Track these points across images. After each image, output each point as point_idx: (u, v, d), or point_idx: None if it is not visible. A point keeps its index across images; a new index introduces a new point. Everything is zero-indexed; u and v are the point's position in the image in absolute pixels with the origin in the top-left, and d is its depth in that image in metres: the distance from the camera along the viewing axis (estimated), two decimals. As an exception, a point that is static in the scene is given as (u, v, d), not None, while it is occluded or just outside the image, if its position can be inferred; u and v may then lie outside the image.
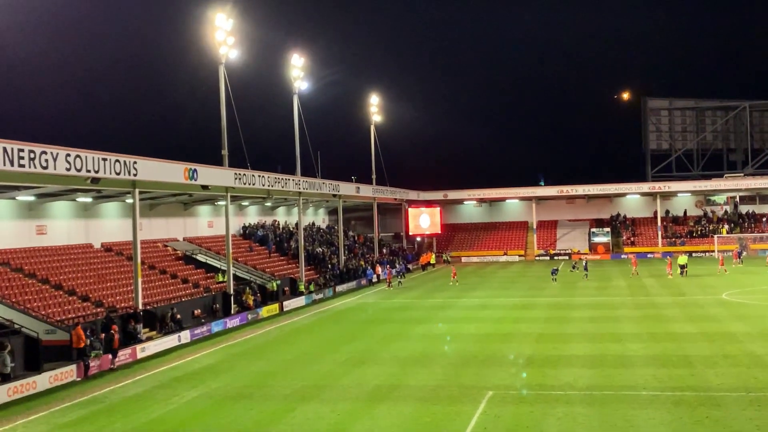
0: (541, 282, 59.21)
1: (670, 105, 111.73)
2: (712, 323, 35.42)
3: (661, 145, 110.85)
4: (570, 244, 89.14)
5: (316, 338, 36.69)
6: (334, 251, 69.17)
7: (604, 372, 25.57)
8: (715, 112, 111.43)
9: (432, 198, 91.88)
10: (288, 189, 54.59)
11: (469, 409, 21.24)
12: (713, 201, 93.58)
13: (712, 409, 20.32)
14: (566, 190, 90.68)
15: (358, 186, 72.41)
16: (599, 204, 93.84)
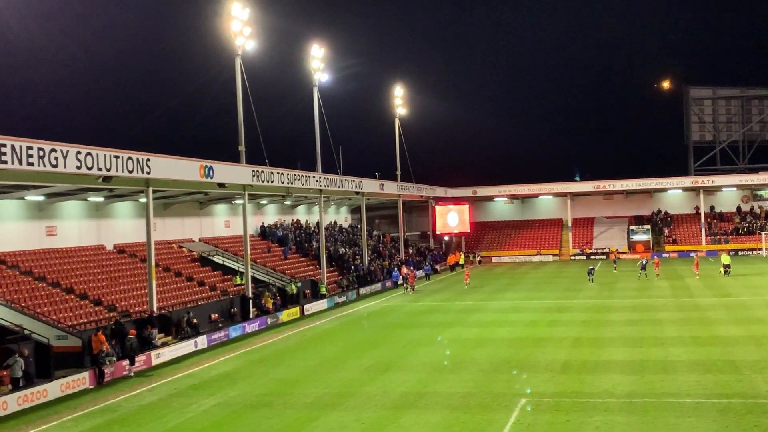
0: (577, 283, 58.93)
1: (713, 94, 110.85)
2: (760, 326, 35.12)
3: (705, 136, 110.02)
4: (607, 243, 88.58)
5: (338, 344, 36.71)
6: (358, 252, 69.17)
7: (645, 378, 25.43)
8: (763, 101, 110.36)
9: (460, 195, 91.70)
10: (308, 186, 54.57)
11: (501, 418, 21.19)
12: (761, 196, 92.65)
13: (761, 417, 20.18)
14: (603, 186, 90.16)
15: (382, 183, 72.19)
16: (638, 200, 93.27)
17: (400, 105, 78.78)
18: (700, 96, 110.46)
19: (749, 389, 23.27)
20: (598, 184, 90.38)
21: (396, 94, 78.55)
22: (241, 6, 46.75)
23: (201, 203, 55.42)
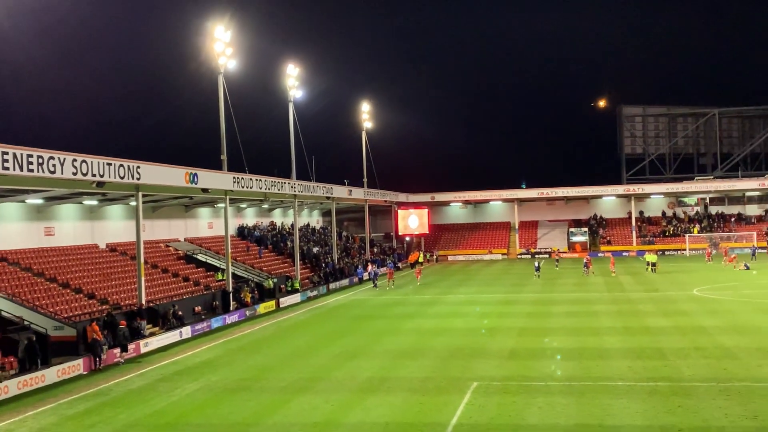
0: (523, 279, 59.28)
1: (643, 112, 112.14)
2: (684, 317, 35.46)
3: (636, 149, 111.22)
4: (550, 243, 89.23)
5: (310, 333, 36.58)
6: (328, 251, 69.11)
7: (582, 364, 25.56)
8: (686, 119, 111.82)
9: (420, 200, 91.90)
10: (284, 192, 54.54)
11: (455, 399, 21.21)
12: (684, 202, 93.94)
13: (684, 398, 20.34)
14: (546, 193, 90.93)
15: (351, 189, 72.32)
16: (577, 205, 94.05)
17: (367, 119, 78.79)
18: (632, 114, 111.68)
19: (674, 374, 23.49)
20: (541, 191, 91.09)
21: (363, 109, 78.60)
22: (224, 29, 46.66)
23: (186, 206, 55.08)
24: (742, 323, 32.87)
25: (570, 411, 19.58)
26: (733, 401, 19.78)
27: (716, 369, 23.85)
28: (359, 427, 19.00)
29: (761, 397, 20.00)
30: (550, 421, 18.66)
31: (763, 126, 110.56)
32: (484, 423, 18.79)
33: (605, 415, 19.01)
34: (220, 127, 47.20)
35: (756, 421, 17.94)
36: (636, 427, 17.93)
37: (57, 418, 21.48)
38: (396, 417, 19.77)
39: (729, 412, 18.81)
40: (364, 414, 20.25)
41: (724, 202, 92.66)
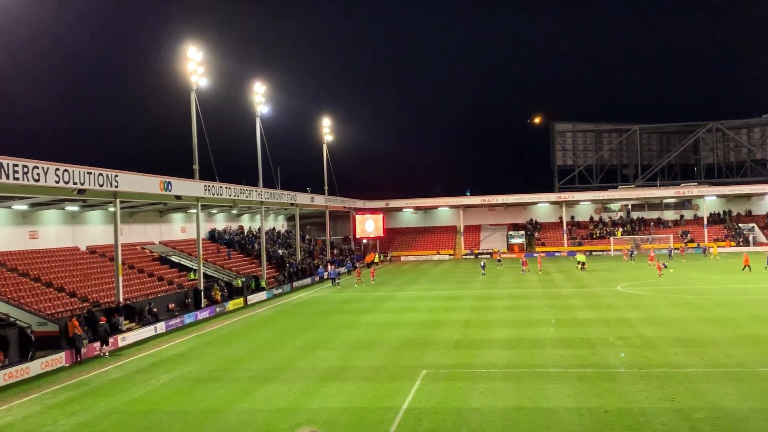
0: (468, 277, 59.65)
1: (573, 128, 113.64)
2: (609, 311, 35.97)
3: (567, 161, 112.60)
4: (491, 245, 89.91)
5: (276, 328, 36.37)
6: (292, 252, 68.78)
7: (519, 352, 25.79)
8: (611, 134, 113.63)
9: (376, 206, 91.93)
10: (251, 199, 54.21)
11: (406, 386, 21.25)
12: (609, 208, 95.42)
13: (609, 383, 20.64)
14: (488, 200, 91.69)
15: (313, 196, 72.14)
16: (515, 211, 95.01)
17: (328, 133, 78.72)
18: (563, 129, 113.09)
19: (601, 361, 23.82)
20: (484, 198, 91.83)
21: (324, 123, 78.53)
22: (196, 49, 46.29)
23: (161, 212, 54.39)
24: (660, 316, 33.43)
25: (509, 395, 19.75)
26: (652, 385, 20.12)
27: (637, 356, 24.24)
28: (319, 412, 18.94)
29: (677, 382, 20.37)
30: (491, 405, 18.80)
31: (678, 140, 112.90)
32: (432, 407, 18.86)
33: (540, 399, 19.21)
34: (193, 139, 46.72)
35: (673, 403, 18.29)
36: (567, 409, 18.15)
37: (41, 407, 21.05)
38: (353, 403, 19.75)
39: (649, 395, 19.12)
40: (324, 400, 20.19)
41: (644, 208, 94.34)
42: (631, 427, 16.46)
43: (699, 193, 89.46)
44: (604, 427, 16.57)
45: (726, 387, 19.58)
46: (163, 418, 19.10)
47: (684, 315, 33.31)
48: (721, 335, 27.58)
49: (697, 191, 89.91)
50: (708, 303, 37.35)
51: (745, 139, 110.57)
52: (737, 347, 25.04)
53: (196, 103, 46.55)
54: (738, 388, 19.37)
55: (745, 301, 37.54)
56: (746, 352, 24.20)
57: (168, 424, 18.58)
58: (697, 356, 23.84)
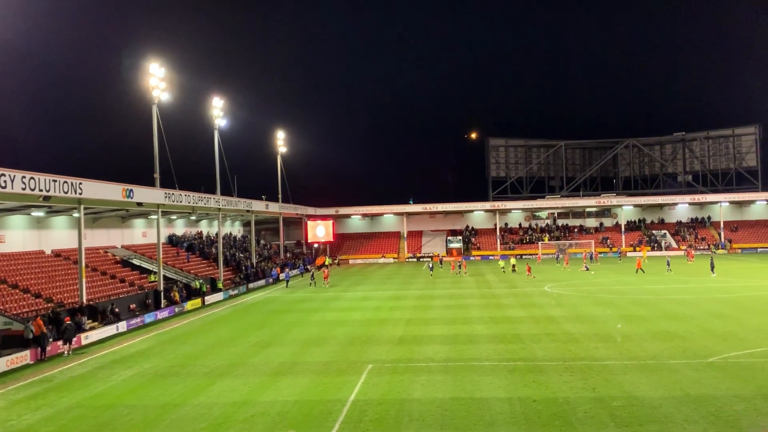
0: (411, 278, 59.86)
1: (506, 143, 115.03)
2: (537, 309, 36.48)
3: (500, 173, 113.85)
4: (432, 249, 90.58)
5: (231, 326, 35.85)
6: (248, 256, 68.00)
7: (456, 347, 25.96)
8: (539, 149, 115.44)
9: (326, 213, 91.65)
10: (209, 206, 53.49)
11: (353, 379, 21.21)
12: (538, 216, 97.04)
13: (538, 375, 20.93)
14: (429, 208, 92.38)
15: (267, 203, 71.58)
16: (454, 218, 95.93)
17: (282, 145, 78.24)
18: (497, 144, 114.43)
19: (530, 355, 24.14)
20: (425, 206, 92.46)
21: (279, 136, 78.05)
22: (158, 65, 45.54)
23: (123, 218, 53.22)
24: (582, 313, 34.08)
25: (447, 387, 19.87)
26: (575, 377, 20.48)
27: (563, 350, 24.64)
28: (272, 404, 18.75)
29: (598, 373, 20.78)
30: (430, 396, 18.89)
31: (599, 155, 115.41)
32: (376, 398, 18.86)
33: (475, 390, 19.38)
34: (154, 149, 45.83)
35: (594, 392, 18.65)
36: (499, 399, 18.34)
37: (6, 402, 20.32)
38: (303, 395, 19.62)
39: (573, 385, 19.46)
40: (277, 393, 20.00)
41: (568, 216, 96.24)
42: (556, 414, 16.73)
43: (617, 202, 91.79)
44: (532, 415, 16.80)
45: (641, 378, 20.05)
46: (123, 412, 18.65)
47: (603, 313, 34.01)
48: (636, 331, 28.23)
49: (615, 201, 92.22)
50: (624, 302, 38.20)
51: (658, 154, 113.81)
52: (650, 342, 25.68)
53: (157, 116, 45.74)
54: (651, 379, 19.87)
55: (657, 301, 38.54)
56: (658, 346, 24.83)
57: (128, 417, 18.15)
58: (615, 350, 24.36)
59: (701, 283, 46.81)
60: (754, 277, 51.01)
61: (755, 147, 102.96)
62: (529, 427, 15.84)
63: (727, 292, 41.12)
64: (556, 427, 15.72)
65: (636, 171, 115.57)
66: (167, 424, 17.30)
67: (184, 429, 16.85)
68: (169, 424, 17.37)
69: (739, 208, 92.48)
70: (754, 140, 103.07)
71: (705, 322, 30.03)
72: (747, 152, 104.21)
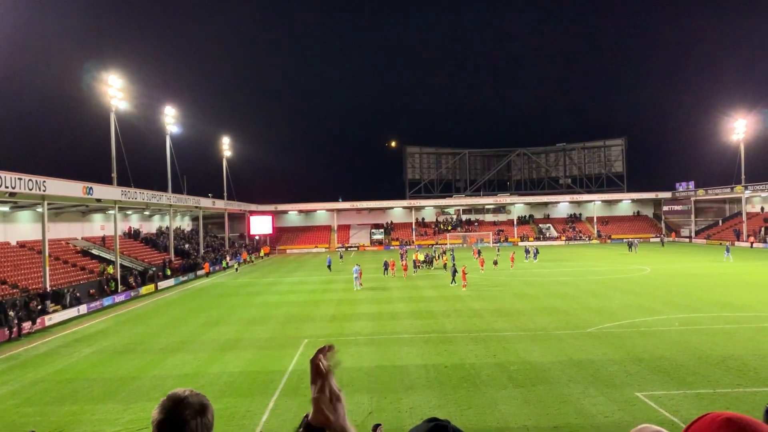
0: (340, 266, 59.62)
1: (420, 151, 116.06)
2: (447, 290, 37.09)
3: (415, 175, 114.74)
4: (358, 241, 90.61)
5: (182, 308, 34.80)
6: (196, 247, 66.17)
7: (380, 323, 26.09)
8: (448, 156, 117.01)
9: (267, 209, 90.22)
10: (162, 202, 51.81)
11: (291, 353, 20.98)
12: (447, 212, 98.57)
13: (448, 345, 21.26)
14: (356, 205, 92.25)
15: (214, 200, 69.89)
16: (377, 214, 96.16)
17: (227, 148, 76.42)
18: (413, 151, 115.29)
19: (441, 328, 24.50)
20: (353, 204, 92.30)
21: (224, 140, 76.20)
22: (116, 76, 43.68)
23: (83, 212, 50.81)
24: (483, 293, 34.84)
25: (372, 356, 19.93)
26: (479, 346, 20.91)
27: (469, 324, 25.10)
28: (220, 375, 18.32)
29: (497, 342, 21.30)
30: (358, 365, 18.89)
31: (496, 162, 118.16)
32: (312, 368, 18.69)
33: (396, 358, 19.51)
34: (111, 151, 43.93)
35: (494, 358, 19.09)
36: (416, 365, 18.53)
37: (-30, 381, 19.05)
38: (247, 367, 19.26)
39: (477, 353, 19.86)
40: (223, 366, 19.55)
41: (471, 212, 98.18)
42: (464, 378, 17.03)
43: (511, 201, 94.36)
44: (444, 378, 17.05)
45: (533, 346, 20.67)
46: (84, 384, 17.81)
47: (500, 293, 34.89)
48: (527, 307, 29.11)
49: (509, 200, 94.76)
50: (517, 283, 39.29)
51: (544, 161, 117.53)
52: (539, 316, 26.54)
53: (114, 122, 43.86)
54: (541, 347, 20.51)
55: (544, 282, 39.83)
56: (545, 319, 25.69)
57: (89, 389, 17.34)
58: (511, 323, 25.04)
59: (579, 267, 48.68)
60: (622, 262, 53.48)
61: (622, 155, 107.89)
62: (441, 389, 16.07)
63: (600, 275, 42.93)
64: (464, 389, 16.01)
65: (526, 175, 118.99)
66: (125, 395, 16.63)
67: (140, 398, 16.24)
68: (127, 395, 16.70)
69: (608, 206, 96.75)
70: (621, 150, 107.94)
71: (583, 299, 31.25)
72: (615, 160, 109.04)
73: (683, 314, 25.76)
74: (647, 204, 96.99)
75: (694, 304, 28.28)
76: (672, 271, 44.51)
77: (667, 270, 45.12)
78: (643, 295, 31.75)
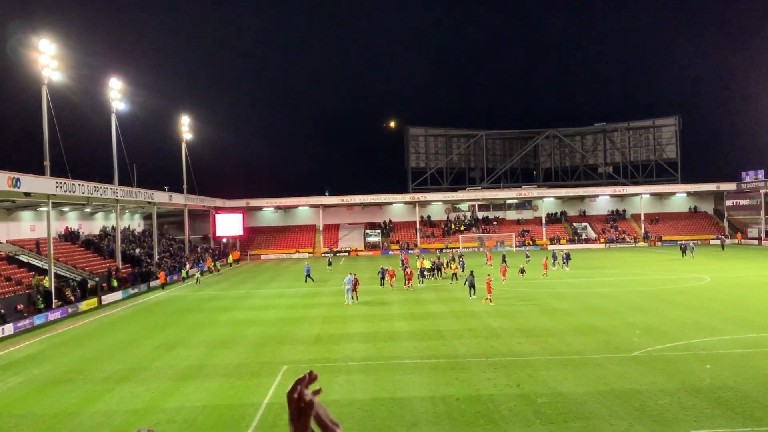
0: (327, 274, 59.70)
1: (426, 132, 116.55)
2: (458, 304, 37.08)
3: (419, 163, 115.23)
4: (349, 243, 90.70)
5: (132, 327, 34.75)
6: (149, 251, 66.15)
7: (377, 345, 26.10)
8: (460, 139, 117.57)
9: (236, 205, 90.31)
10: (106, 197, 51.80)
11: (267, 382, 20.98)
12: (458, 208, 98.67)
13: (460, 372, 21.28)
14: (346, 200, 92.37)
15: (171, 194, 69.89)
16: (372, 211, 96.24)
17: (187, 131, 76.35)
18: (417, 134, 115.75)
19: (451, 351, 24.53)
20: (342, 198, 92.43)
21: (183, 121, 76.11)
22: (48, 41, 43.57)
23: (9, 210, 50.79)
24: (504, 308, 34.82)
25: (366, 387, 19.93)
26: (499, 373, 20.93)
27: (485, 346, 25.13)
28: (179, 411, 18.30)
29: (521, 369, 21.32)
30: (349, 397, 18.89)
31: (520, 146, 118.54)
32: (292, 401, 18.66)
33: (396, 389, 19.52)
34: (44, 134, 43.86)
35: (518, 389, 19.11)
36: (421, 398, 18.54)
37: None
38: (213, 400, 19.24)
39: (496, 382, 19.88)
40: (183, 399, 19.54)
41: (489, 209, 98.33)
42: (480, 413, 17.04)
43: (538, 194, 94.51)
44: (455, 413, 17.05)
45: (565, 373, 20.71)
46: (11, 423, 17.77)
47: (525, 308, 34.90)
48: (558, 325, 29.14)
49: (536, 193, 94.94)
50: (545, 296, 39.31)
51: (579, 145, 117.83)
52: (573, 336, 26.56)
53: (47, 98, 43.77)
54: (575, 374, 20.54)
55: (578, 294, 39.86)
56: (581, 340, 25.71)
57: (17, 429, 17.30)
58: (538, 345, 25.04)
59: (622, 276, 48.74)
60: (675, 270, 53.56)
61: (675, 138, 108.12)
62: (452, 427, 16.06)
63: (648, 285, 42.98)
64: (480, 426, 16.01)
65: (557, 162, 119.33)
66: (61, 436, 16.62)
67: (80, 440, 16.22)
68: (63, 435, 16.70)
69: (659, 201, 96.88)
70: (674, 132, 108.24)
71: (627, 315, 31.27)
72: (667, 144, 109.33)
73: (751, 333, 25.80)
74: (707, 198, 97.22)
75: (764, 321, 28.34)
76: (737, 280, 44.61)
77: (730, 279, 45.23)
78: (701, 310, 31.82)
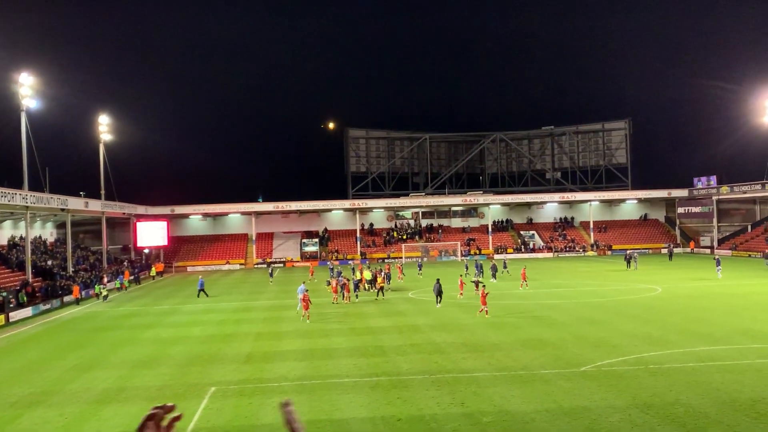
0: (259, 287, 59.18)
1: (367, 134, 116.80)
2: (401, 317, 37.18)
3: (360, 168, 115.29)
4: (284, 254, 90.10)
5: (44, 347, 33.69)
6: (63, 264, 64.35)
7: (313, 363, 25.92)
8: (403, 142, 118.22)
9: (160, 212, 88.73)
10: (14, 203, 50.17)
11: (193, 405, 20.57)
12: (402, 215, 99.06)
13: (402, 390, 21.29)
14: (281, 206, 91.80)
15: (87, 201, 68.14)
16: (309, 218, 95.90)
17: (106, 132, 74.61)
18: (357, 136, 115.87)
19: (393, 368, 24.52)
20: (277, 205, 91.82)
21: (101, 121, 74.35)
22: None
23: None
24: (448, 321, 35.07)
25: (302, 408, 19.70)
26: (443, 391, 21.01)
27: (429, 362, 25.22)
28: (95, 439, 17.81)
29: (466, 386, 21.46)
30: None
31: (465, 150, 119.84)
32: (221, 425, 18.41)
33: (333, 410, 19.41)
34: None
35: (463, 407, 19.21)
36: (360, 419, 18.48)
37: None
38: (133, 425, 18.53)
39: (440, 400, 19.95)
40: (100, 424, 19.02)
41: (434, 216, 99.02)
42: (423, 433, 17.06)
43: (484, 201, 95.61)
44: (397, 435, 17.04)
45: (512, 390, 20.93)
46: None
47: (471, 321, 35.18)
48: (505, 339, 29.45)
49: (482, 199, 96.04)
50: (491, 309, 39.59)
51: (526, 150, 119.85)
52: (520, 350, 26.87)
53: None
54: (522, 391, 20.78)
55: (526, 306, 40.40)
56: (528, 355, 26.02)
57: None
58: (484, 361, 25.26)
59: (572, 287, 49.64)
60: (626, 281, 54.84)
61: (625, 143, 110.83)
62: (393, 450, 16.03)
63: (598, 297, 43.87)
64: (423, 448, 16.02)
65: (504, 167, 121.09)
66: (-40, 470, 15.98)
67: (-18, 474, 15.62)
68: (-37, 469, 16.05)
69: (608, 208, 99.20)
70: (624, 135, 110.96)
71: (577, 328, 31.83)
72: (617, 148, 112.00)
73: (703, 346, 26.59)
74: (658, 205, 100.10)
75: (716, 334, 29.25)
76: (689, 290, 45.98)
77: (683, 290, 46.58)
78: (652, 323, 32.64)
